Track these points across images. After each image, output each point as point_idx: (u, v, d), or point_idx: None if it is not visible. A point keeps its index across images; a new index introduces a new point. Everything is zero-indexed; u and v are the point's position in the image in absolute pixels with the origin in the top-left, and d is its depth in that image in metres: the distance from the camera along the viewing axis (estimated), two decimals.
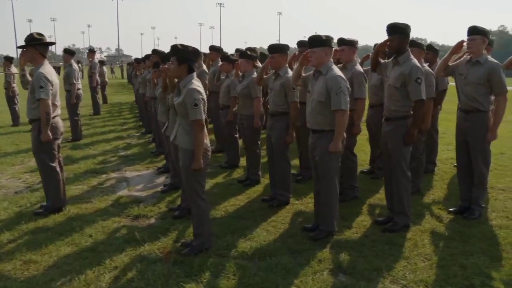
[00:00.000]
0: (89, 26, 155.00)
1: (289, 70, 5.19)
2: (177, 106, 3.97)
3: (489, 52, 5.87)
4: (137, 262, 3.94)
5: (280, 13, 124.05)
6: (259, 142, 6.10)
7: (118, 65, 46.21)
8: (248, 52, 6.03)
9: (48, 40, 5.17)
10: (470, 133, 4.84)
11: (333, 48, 4.29)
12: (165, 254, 4.10)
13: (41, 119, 4.91)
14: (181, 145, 4.02)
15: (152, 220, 5.00)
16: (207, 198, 4.16)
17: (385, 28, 4.53)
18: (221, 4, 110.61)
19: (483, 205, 5.03)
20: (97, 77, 13.94)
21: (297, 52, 5.79)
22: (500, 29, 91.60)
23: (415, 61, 4.37)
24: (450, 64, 5.02)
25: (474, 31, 4.67)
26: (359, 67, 5.26)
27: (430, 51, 6.55)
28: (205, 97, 3.93)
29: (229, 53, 8.45)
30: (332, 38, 4.24)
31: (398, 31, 4.35)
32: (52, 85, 4.94)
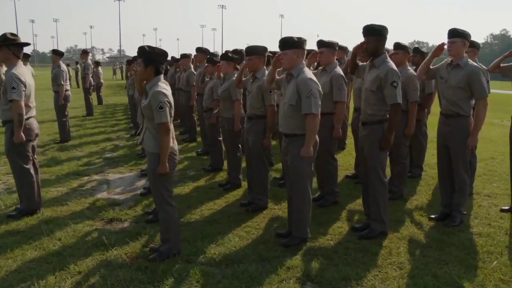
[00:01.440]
0: (91, 27, 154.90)
1: (266, 72, 5.09)
2: (143, 109, 3.88)
3: (475, 56, 5.78)
4: (102, 267, 3.85)
5: (282, 16, 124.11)
6: (240, 146, 5.99)
7: (118, 67, 46.27)
8: (229, 54, 5.92)
9: (51, 40, 5.16)
10: (450, 138, 4.72)
11: (305, 50, 4.17)
12: (131, 259, 4.00)
13: (14, 120, 4.83)
14: (148, 148, 3.94)
15: (126, 224, 4.91)
16: (174, 203, 4.06)
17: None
18: (223, 6, 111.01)
19: (464, 212, 4.91)
20: (91, 78, 13.88)
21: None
22: (502, 32, 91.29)
23: (392, 64, 4.26)
24: (431, 67, 4.90)
25: (455, 34, 4.56)
26: (339, 70, 5.15)
27: (417, 54, 6.45)
28: (171, 99, 3.83)
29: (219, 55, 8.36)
30: (305, 40, 4.14)
31: (374, 33, 4.25)
32: (25, 86, 4.85)
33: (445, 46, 4.65)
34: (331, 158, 5.33)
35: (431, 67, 4.88)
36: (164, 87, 3.83)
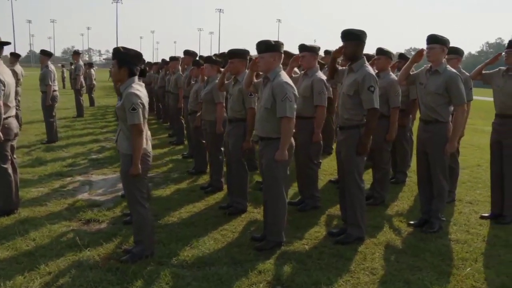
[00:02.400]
0: (88, 28, 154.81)
1: None
2: (117, 110, 3.88)
3: (459, 63, 5.78)
4: (72, 268, 3.81)
5: (279, 20, 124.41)
6: (222, 149, 5.97)
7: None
8: (213, 57, 5.92)
9: (47, 41, 5.13)
10: (429, 144, 4.71)
11: (282, 54, 4.16)
12: (103, 260, 3.97)
13: None
14: (121, 149, 3.93)
15: (103, 225, 4.88)
16: (147, 204, 4.04)
17: (385, 36, 4.52)
18: (220, 9, 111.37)
19: (443, 218, 4.89)
20: (82, 80, 13.86)
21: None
22: (498, 41, 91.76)
23: (369, 68, 4.25)
24: (411, 73, 4.90)
25: (433, 40, 4.57)
26: (320, 74, 5.15)
27: (402, 60, 6.45)
28: (145, 101, 3.82)
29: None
30: (282, 44, 4.13)
31: (352, 37, 4.25)
32: (4, 86, 4.83)
33: (424, 52, 4.66)
34: (311, 162, 5.31)
35: (411, 73, 4.89)
36: (138, 88, 3.82)
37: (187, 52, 7.94)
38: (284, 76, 4.05)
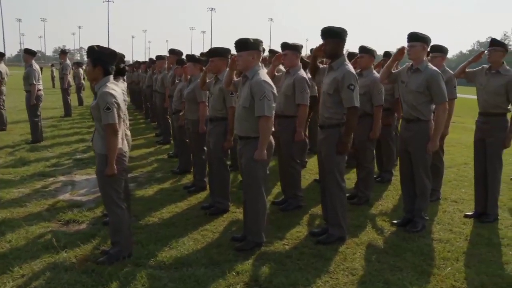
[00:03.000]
0: (79, 27, 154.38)
1: None
2: (92, 110, 3.81)
3: (444, 61, 5.76)
4: (47, 270, 3.74)
5: (271, 19, 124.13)
6: (205, 148, 5.90)
7: None
8: (196, 56, 5.85)
9: (38, 40, 5.16)
10: (411, 143, 4.67)
11: (261, 52, 4.11)
12: (79, 261, 3.91)
13: None
14: (96, 149, 3.87)
15: (83, 226, 4.81)
16: (124, 204, 3.97)
17: (379, 36, 4.49)
18: (212, 8, 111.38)
19: (426, 217, 4.86)
20: (69, 79, 13.73)
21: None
22: (488, 40, 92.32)
23: (349, 66, 4.21)
24: (393, 71, 4.87)
25: (414, 38, 4.52)
26: (302, 72, 5.09)
27: (387, 58, 6.42)
28: (120, 100, 3.75)
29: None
30: (261, 42, 4.08)
31: (332, 35, 4.20)
32: None
33: (406, 50, 4.62)
34: (294, 162, 5.26)
35: (393, 71, 4.85)
36: (113, 87, 3.76)
37: (172, 51, 7.87)
38: (263, 75, 4.00)
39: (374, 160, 5.73)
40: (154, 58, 11.35)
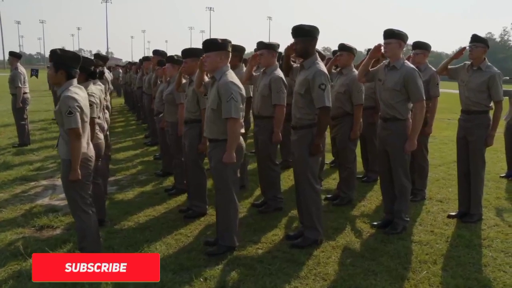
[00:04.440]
0: (78, 28, 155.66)
1: None
2: (55, 114, 3.73)
3: (426, 58, 5.66)
4: (11, 279, 3.67)
5: (270, 18, 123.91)
6: None
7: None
8: (175, 57, 5.75)
9: (37, 42, 5.04)
10: (388, 142, 4.56)
11: (230, 52, 4.01)
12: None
13: None
14: (60, 155, 3.78)
15: (57, 231, 4.73)
16: (91, 209, 3.89)
17: (375, 36, 4.39)
18: (211, 8, 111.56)
19: (406, 218, 4.74)
20: None
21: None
22: (488, 35, 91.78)
23: (321, 65, 4.09)
24: (371, 69, 4.75)
25: (390, 35, 4.41)
26: (279, 72, 4.98)
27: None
28: (83, 104, 3.66)
29: None
30: (229, 42, 3.97)
31: (303, 33, 4.09)
32: None
33: (382, 47, 4.51)
34: (272, 164, 5.16)
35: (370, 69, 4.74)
36: (76, 91, 3.67)
37: (155, 52, 7.78)
38: (231, 76, 3.89)
39: (356, 160, 5.61)
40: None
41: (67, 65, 3.68)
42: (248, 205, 5.49)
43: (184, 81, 5.24)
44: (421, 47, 5.64)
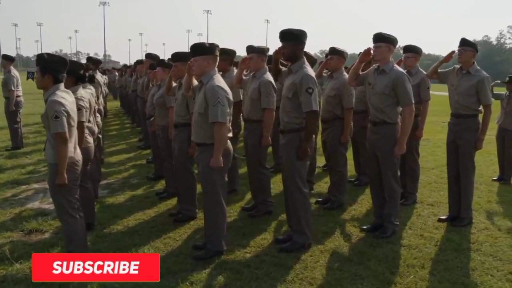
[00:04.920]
0: (76, 31, 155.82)
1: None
2: (41, 119, 3.73)
3: (417, 62, 5.68)
4: None
5: (267, 21, 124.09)
6: None
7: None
8: (166, 61, 5.75)
9: (35, 44, 4.99)
10: (378, 146, 4.56)
11: (217, 57, 4.00)
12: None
13: None
14: (47, 159, 3.77)
15: (46, 235, 4.71)
16: (78, 213, 3.88)
17: (372, 37, 4.45)
18: (208, 11, 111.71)
19: (396, 222, 4.74)
20: None
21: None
22: (484, 39, 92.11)
23: (308, 69, 4.09)
24: (361, 73, 4.75)
25: (379, 38, 4.42)
26: (268, 76, 4.98)
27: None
28: (69, 109, 3.66)
29: None
30: (217, 46, 3.98)
31: (291, 38, 4.10)
32: None
33: (372, 51, 4.51)
34: (262, 167, 5.16)
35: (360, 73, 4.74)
36: (63, 96, 3.67)
37: (148, 55, 7.79)
38: (218, 80, 3.89)
39: (346, 164, 5.61)
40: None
41: (54, 69, 3.68)
42: (238, 208, 5.48)
43: (174, 84, 5.24)
44: (412, 50, 5.65)
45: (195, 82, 4.42)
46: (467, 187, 5.01)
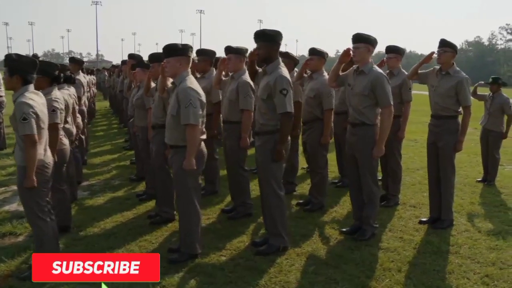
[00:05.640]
0: (68, 30, 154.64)
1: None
2: (10, 120, 3.65)
3: (399, 63, 5.65)
4: None
5: (260, 21, 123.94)
6: None
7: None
8: (145, 61, 5.69)
9: (27, 43, 4.94)
10: (356, 148, 4.52)
11: (190, 58, 3.95)
12: (2, 278, 3.74)
13: None
14: (16, 161, 3.71)
15: (20, 238, 4.64)
16: (49, 217, 3.81)
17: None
18: (201, 10, 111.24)
19: (375, 225, 4.70)
20: None
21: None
22: (476, 39, 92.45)
23: (283, 70, 4.04)
24: (341, 74, 4.71)
25: (358, 39, 4.37)
26: (246, 77, 4.93)
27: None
28: (38, 110, 3.59)
29: None
30: (190, 47, 3.92)
31: (265, 38, 4.04)
32: None
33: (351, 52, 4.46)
34: (241, 169, 5.11)
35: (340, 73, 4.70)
36: (31, 97, 3.60)
37: (131, 56, 7.70)
38: (190, 81, 3.83)
39: (327, 166, 5.56)
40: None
41: (22, 70, 3.60)
42: (218, 211, 5.42)
43: (153, 85, 5.18)
44: (394, 51, 5.62)
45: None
46: (448, 189, 4.98)
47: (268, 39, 4.03)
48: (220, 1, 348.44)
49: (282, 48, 4.43)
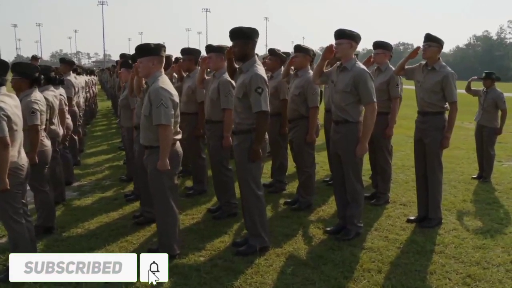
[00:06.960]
0: (75, 31, 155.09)
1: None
2: None
3: (387, 58, 5.60)
4: None
5: (266, 18, 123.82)
6: None
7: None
8: (130, 61, 5.65)
9: (35, 45, 4.96)
10: (340, 146, 4.44)
11: (163, 57, 3.90)
12: None
13: None
14: None
15: (3, 240, 4.64)
16: (24, 218, 3.79)
17: (374, 36, 4.31)
18: (207, 9, 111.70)
19: (360, 224, 4.62)
20: None
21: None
22: (485, 34, 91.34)
23: (259, 68, 3.97)
24: (325, 71, 4.63)
25: (341, 35, 4.29)
26: (226, 76, 4.86)
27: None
28: (10, 113, 3.56)
29: None
30: (162, 47, 3.87)
31: (241, 36, 3.97)
32: None
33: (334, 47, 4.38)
34: (224, 168, 5.06)
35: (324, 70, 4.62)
36: (3, 99, 3.58)
37: (122, 56, 7.67)
38: (162, 81, 3.78)
39: (314, 164, 5.49)
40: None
41: None
42: (204, 210, 5.39)
43: None
44: (381, 46, 5.54)
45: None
46: (435, 186, 4.88)
47: (243, 37, 3.96)
48: None
49: (288, 46, 4.37)
